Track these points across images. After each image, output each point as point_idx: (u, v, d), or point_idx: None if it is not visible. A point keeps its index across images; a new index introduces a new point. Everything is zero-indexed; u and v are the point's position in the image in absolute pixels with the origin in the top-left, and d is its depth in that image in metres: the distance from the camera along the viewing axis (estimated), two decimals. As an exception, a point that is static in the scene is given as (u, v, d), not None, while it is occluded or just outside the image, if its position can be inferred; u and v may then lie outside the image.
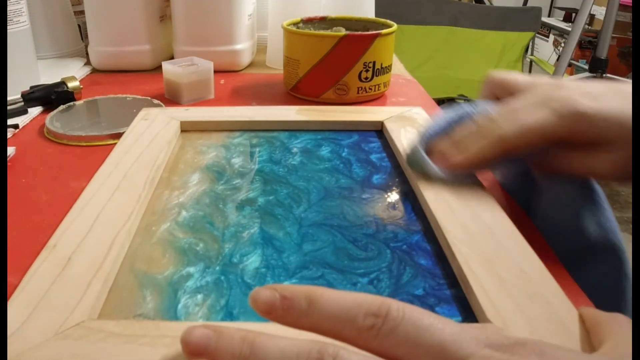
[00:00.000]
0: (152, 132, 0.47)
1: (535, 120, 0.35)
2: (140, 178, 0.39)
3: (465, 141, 0.37)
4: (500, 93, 0.40)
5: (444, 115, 0.40)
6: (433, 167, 0.38)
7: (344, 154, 0.47)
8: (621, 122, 0.34)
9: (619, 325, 0.24)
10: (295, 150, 0.47)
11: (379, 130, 0.51)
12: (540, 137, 0.35)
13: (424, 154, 0.39)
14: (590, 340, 0.25)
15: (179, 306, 0.28)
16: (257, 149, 0.47)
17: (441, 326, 0.21)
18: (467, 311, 0.28)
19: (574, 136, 0.35)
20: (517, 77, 0.40)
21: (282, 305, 0.22)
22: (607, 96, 0.34)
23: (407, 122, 0.50)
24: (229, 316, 0.28)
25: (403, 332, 0.20)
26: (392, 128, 0.49)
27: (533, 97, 0.36)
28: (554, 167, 0.37)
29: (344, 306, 0.21)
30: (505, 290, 0.28)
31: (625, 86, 0.36)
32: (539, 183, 0.39)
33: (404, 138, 0.47)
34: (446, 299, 0.30)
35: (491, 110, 0.37)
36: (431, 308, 0.29)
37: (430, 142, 0.39)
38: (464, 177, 0.39)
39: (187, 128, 0.50)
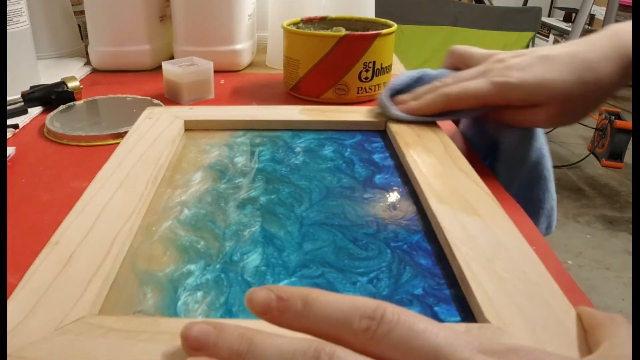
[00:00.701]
0: (156, 130, 0.47)
1: (474, 86, 0.46)
2: (143, 176, 0.39)
3: (420, 94, 0.49)
4: (459, 64, 0.51)
5: (409, 73, 0.51)
6: (393, 109, 0.50)
7: (346, 154, 0.47)
8: (543, 86, 0.44)
9: (617, 325, 0.24)
10: (298, 149, 0.47)
11: (382, 131, 0.51)
12: (476, 99, 0.46)
13: (388, 100, 0.50)
14: (587, 341, 0.25)
15: (179, 303, 0.28)
16: (260, 148, 0.47)
17: (436, 331, 0.21)
18: (467, 311, 0.28)
19: (506, 100, 0.46)
20: (473, 51, 0.50)
21: (278, 306, 0.22)
22: (534, 65, 0.45)
23: (411, 122, 0.50)
24: (229, 314, 0.28)
25: (398, 335, 0.21)
26: (395, 128, 0.49)
27: (479, 68, 0.47)
28: (499, 119, 0.48)
29: (340, 308, 0.21)
30: (504, 291, 0.28)
31: (547, 50, 0.46)
32: (489, 130, 0.51)
33: (407, 138, 0.47)
34: (446, 298, 0.30)
35: (446, 76, 0.49)
36: (430, 308, 0.29)
37: (395, 91, 0.51)
38: (415, 119, 0.49)
39: (191, 127, 0.50)
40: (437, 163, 0.42)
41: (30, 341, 0.24)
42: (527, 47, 2.57)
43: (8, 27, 0.62)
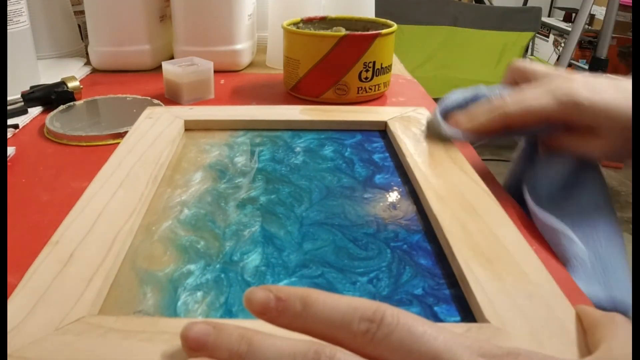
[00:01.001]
0: (156, 130, 0.47)
1: (537, 104, 0.40)
2: (143, 176, 0.39)
3: (476, 113, 0.44)
4: (520, 79, 0.45)
5: (462, 91, 0.46)
6: (446, 128, 0.45)
7: (346, 154, 0.47)
8: (611, 115, 0.39)
9: (616, 326, 0.24)
10: (298, 149, 0.47)
11: (382, 130, 0.51)
12: (539, 118, 0.41)
13: (441, 118, 0.46)
14: (587, 341, 0.25)
15: (179, 303, 0.28)
16: (260, 148, 0.47)
17: (435, 334, 0.21)
18: (466, 311, 0.28)
19: (569, 121, 0.40)
20: (536, 67, 0.45)
21: (277, 307, 0.22)
22: (607, 91, 0.39)
23: (411, 122, 0.50)
24: (228, 314, 0.28)
25: (397, 338, 0.21)
26: (395, 128, 0.49)
27: (543, 85, 0.41)
28: (553, 144, 0.43)
29: (339, 310, 0.21)
30: (504, 291, 0.28)
31: (622, 78, 0.41)
32: (539, 155, 0.44)
33: (407, 138, 0.47)
34: (445, 298, 0.30)
35: (504, 93, 0.44)
36: (430, 308, 0.29)
37: (447, 111, 0.46)
38: (470, 139, 0.45)
39: (191, 127, 0.50)
40: (437, 163, 0.42)
41: (30, 341, 0.24)
42: (527, 47, 2.57)
43: (8, 27, 0.62)
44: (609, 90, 0.39)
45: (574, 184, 0.42)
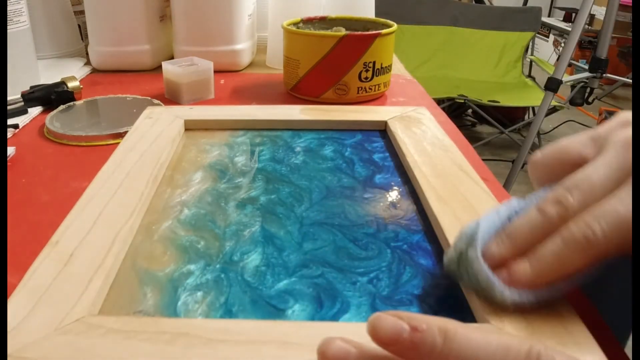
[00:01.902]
0: (156, 130, 0.47)
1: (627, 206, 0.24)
2: (143, 176, 0.39)
3: (530, 242, 0.26)
4: (559, 174, 0.28)
5: (494, 212, 0.28)
6: (502, 290, 0.26)
7: (346, 154, 0.47)
8: None
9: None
10: (298, 149, 0.47)
11: (382, 130, 0.51)
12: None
13: (490, 272, 0.26)
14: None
15: (179, 303, 0.28)
16: (260, 148, 0.47)
17: None
18: (466, 311, 0.28)
19: None
20: (569, 142, 0.29)
21: (412, 338, 0.19)
22: None
23: (411, 122, 0.50)
24: (228, 314, 0.28)
25: None
26: (395, 128, 0.49)
27: (613, 165, 0.25)
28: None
29: (486, 350, 0.19)
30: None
31: None
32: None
33: (407, 138, 0.47)
34: (445, 298, 0.30)
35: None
36: (430, 308, 0.29)
37: (489, 239, 0.27)
38: (544, 296, 0.26)
39: (191, 127, 0.50)
40: (437, 163, 0.42)
41: (30, 341, 0.24)
42: (527, 47, 2.57)
43: (8, 27, 0.62)
44: None
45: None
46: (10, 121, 0.56)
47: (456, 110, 2.68)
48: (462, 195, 0.37)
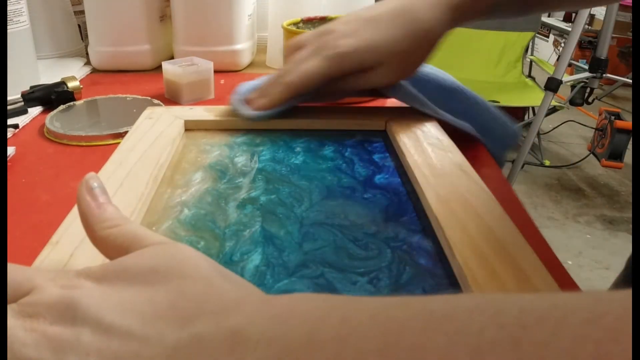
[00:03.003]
0: (156, 130, 0.47)
1: (310, 66, 0.46)
2: (144, 176, 0.39)
3: (265, 90, 0.49)
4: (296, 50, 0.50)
5: (259, 79, 0.53)
6: (245, 109, 0.49)
7: (347, 154, 0.47)
8: (374, 49, 0.45)
9: None
10: (298, 149, 0.47)
11: (382, 130, 0.51)
12: (318, 78, 0.46)
13: (239, 102, 0.50)
14: None
15: (180, 304, 0.28)
16: (260, 148, 0.47)
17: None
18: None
19: (344, 71, 0.46)
20: (300, 36, 0.50)
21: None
22: (362, 30, 0.46)
23: (411, 122, 0.50)
24: (230, 314, 0.28)
25: None
26: (395, 128, 0.49)
27: (309, 48, 0.47)
28: (349, 86, 0.48)
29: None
30: (504, 291, 0.28)
31: (373, 11, 0.47)
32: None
33: (407, 138, 0.47)
34: (446, 297, 0.30)
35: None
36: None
37: (245, 94, 0.51)
38: (268, 115, 0.49)
39: (191, 127, 0.50)
40: (437, 163, 0.42)
41: (30, 341, 0.24)
42: (527, 47, 2.57)
43: (8, 27, 0.62)
44: (362, 30, 0.46)
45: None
46: (10, 121, 0.56)
47: (456, 110, 2.67)
48: (462, 195, 0.37)
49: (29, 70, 0.67)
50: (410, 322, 0.16)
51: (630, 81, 2.59)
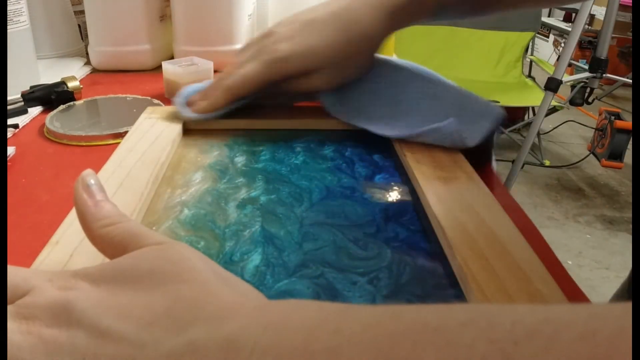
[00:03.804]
0: (156, 130, 0.47)
1: (248, 71, 0.46)
2: (144, 176, 0.39)
3: (207, 92, 0.49)
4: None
5: (205, 82, 0.52)
6: (185, 111, 0.49)
7: (346, 154, 0.47)
8: (312, 53, 0.45)
9: None
10: (298, 149, 0.47)
11: None
12: (257, 82, 0.46)
13: (180, 104, 0.50)
14: None
15: (180, 304, 0.28)
16: (260, 148, 0.47)
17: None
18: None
19: (283, 75, 0.46)
20: (249, 38, 0.51)
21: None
22: (300, 33, 0.46)
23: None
24: (230, 314, 0.28)
25: None
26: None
27: (248, 51, 0.48)
28: (290, 89, 0.48)
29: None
30: (504, 291, 0.28)
31: (312, 14, 0.47)
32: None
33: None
34: (445, 299, 0.30)
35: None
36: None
37: (188, 96, 0.51)
38: (209, 117, 0.49)
39: (191, 127, 0.50)
40: (437, 163, 0.42)
41: (30, 341, 0.24)
42: (527, 47, 2.57)
43: (8, 27, 0.62)
44: (302, 34, 0.45)
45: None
46: (10, 121, 0.56)
47: (456, 110, 2.68)
48: (462, 195, 0.37)
49: (29, 70, 0.66)
50: (403, 334, 0.17)
51: (630, 81, 2.59)
